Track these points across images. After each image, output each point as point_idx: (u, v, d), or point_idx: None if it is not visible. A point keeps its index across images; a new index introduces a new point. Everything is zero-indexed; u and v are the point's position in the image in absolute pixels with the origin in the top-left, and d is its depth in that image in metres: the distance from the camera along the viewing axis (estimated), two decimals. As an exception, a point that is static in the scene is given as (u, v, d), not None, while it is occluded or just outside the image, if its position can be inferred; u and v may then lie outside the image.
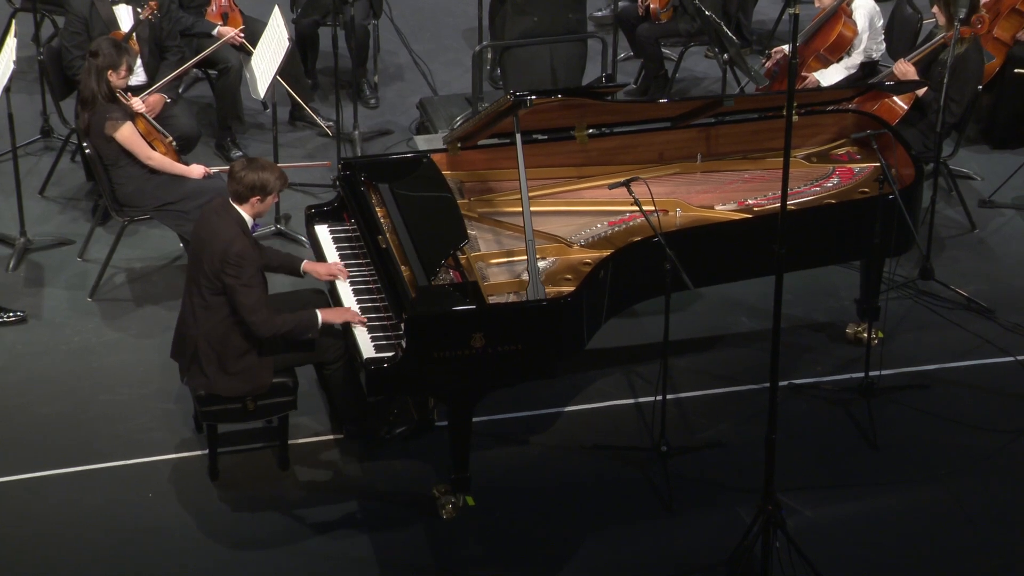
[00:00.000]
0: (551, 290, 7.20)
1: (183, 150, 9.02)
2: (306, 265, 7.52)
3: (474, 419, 7.11)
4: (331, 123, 9.97)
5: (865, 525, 7.23)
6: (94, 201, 9.39)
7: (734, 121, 8.44)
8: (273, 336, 7.13)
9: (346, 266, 7.57)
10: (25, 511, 7.26)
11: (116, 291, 8.81)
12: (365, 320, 7.15)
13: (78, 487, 7.40)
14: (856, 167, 8.29)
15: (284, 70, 9.12)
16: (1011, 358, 8.33)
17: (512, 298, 7.20)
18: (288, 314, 7.18)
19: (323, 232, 7.83)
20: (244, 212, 7.17)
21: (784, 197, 6.41)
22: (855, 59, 9.58)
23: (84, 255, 9.06)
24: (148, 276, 8.94)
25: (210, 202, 8.22)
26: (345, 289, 7.44)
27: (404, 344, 6.84)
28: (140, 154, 8.48)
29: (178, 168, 8.58)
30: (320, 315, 7.15)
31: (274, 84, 9.07)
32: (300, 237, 9.02)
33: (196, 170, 8.58)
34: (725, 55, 9.38)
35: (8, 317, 8.49)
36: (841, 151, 8.48)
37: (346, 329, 7.21)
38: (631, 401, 8.01)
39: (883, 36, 9.73)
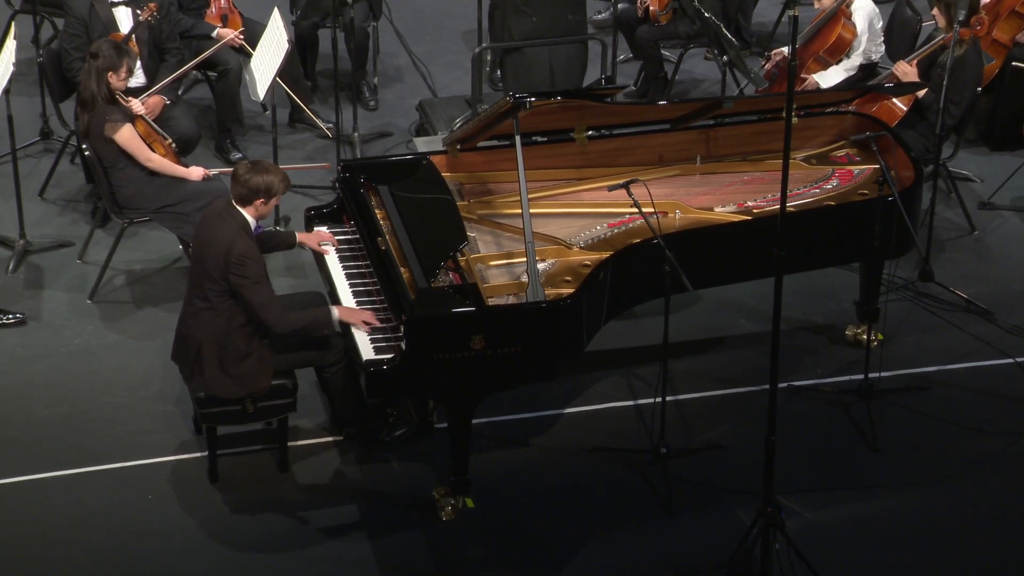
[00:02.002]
0: (551, 292, 7.20)
1: (183, 152, 9.02)
2: (300, 236, 7.67)
3: (474, 421, 7.11)
4: (331, 125, 9.97)
5: (865, 527, 7.23)
6: (94, 203, 9.39)
7: (733, 123, 8.45)
8: (290, 332, 7.14)
9: (345, 268, 7.57)
10: (25, 514, 7.26)
11: (116, 293, 8.81)
12: (378, 323, 7.14)
13: (78, 489, 7.40)
14: (856, 169, 8.29)
15: (284, 72, 9.12)
16: (1010, 360, 8.33)
17: (512, 300, 7.20)
18: (303, 311, 7.19)
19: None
20: (247, 214, 7.17)
21: (783, 199, 6.41)
22: (854, 61, 9.59)
23: (84, 257, 9.06)
24: (148, 278, 8.94)
25: (211, 204, 8.24)
26: (345, 291, 7.44)
27: (404, 346, 6.84)
28: (140, 156, 8.48)
29: (178, 170, 8.59)
30: (335, 312, 7.16)
31: (274, 86, 9.07)
32: (300, 239, 9.02)
33: (196, 172, 8.58)
34: (724, 57, 9.39)
35: (8, 319, 8.49)
36: (840, 153, 8.48)
37: (346, 331, 7.21)
38: (631, 403, 8.01)
39: (882, 38, 9.74)
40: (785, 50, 9.64)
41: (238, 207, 7.16)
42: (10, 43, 8.76)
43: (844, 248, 8.04)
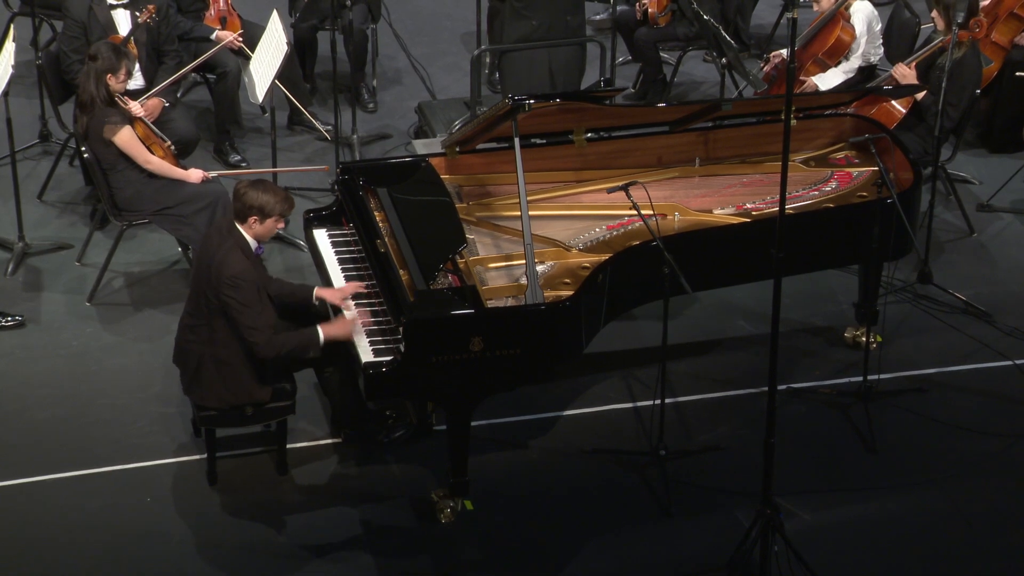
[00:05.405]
0: (550, 294, 7.20)
1: (181, 154, 9.02)
2: (319, 291, 7.39)
3: (473, 423, 7.11)
4: (329, 127, 9.97)
5: (863, 529, 7.23)
6: (92, 205, 9.39)
7: (732, 125, 8.45)
8: (276, 357, 7.10)
9: (344, 270, 7.56)
10: (24, 516, 7.26)
11: (114, 295, 8.81)
12: (370, 320, 7.11)
13: (77, 492, 7.40)
14: (854, 171, 8.30)
15: (282, 74, 9.12)
16: (1009, 362, 8.33)
17: (511, 302, 7.20)
18: (289, 333, 7.14)
19: (321, 236, 7.83)
20: (246, 233, 7.15)
21: (782, 201, 6.41)
22: (853, 63, 9.59)
23: (82, 259, 9.05)
24: (147, 280, 8.94)
25: (213, 213, 8.25)
26: (343, 293, 7.45)
27: (403, 348, 6.84)
28: (138, 158, 8.48)
29: (176, 172, 8.59)
30: (322, 332, 7.12)
31: (272, 88, 9.07)
32: (298, 241, 9.02)
33: (194, 174, 8.58)
34: (723, 59, 9.39)
35: (6, 321, 8.49)
36: (839, 155, 8.48)
37: (345, 333, 7.21)
38: (630, 405, 8.01)
39: (881, 40, 9.74)
40: (784, 52, 9.65)
41: (238, 225, 7.15)
42: (9, 45, 8.77)
43: (843, 250, 8.04)
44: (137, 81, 9.20)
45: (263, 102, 9.34)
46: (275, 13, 9.26)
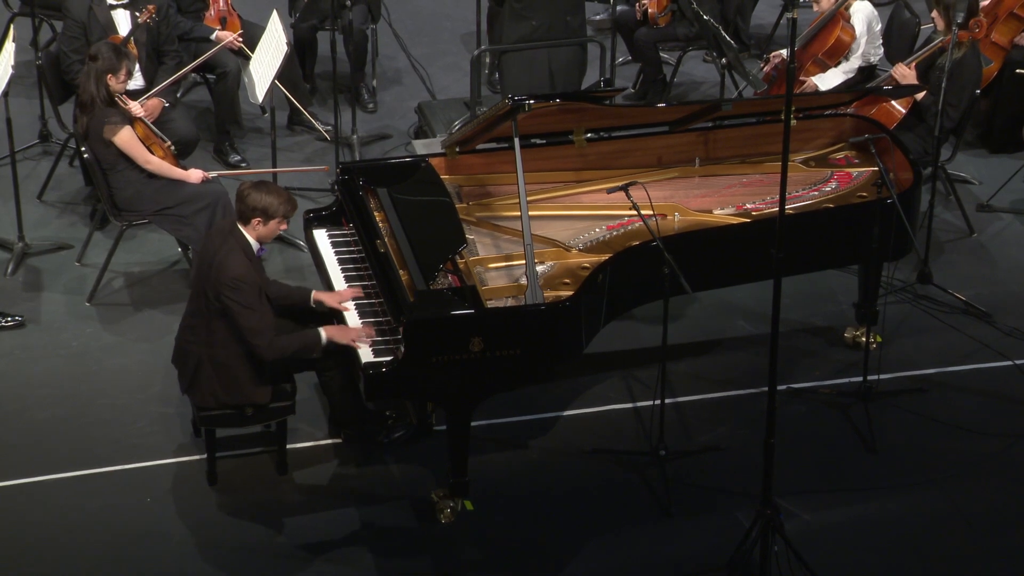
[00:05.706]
0: (549, 294, 7.20)
1: (181, 154, 9.02)
2: (316, 295, 7.41)
3: (473, 423, 7.11)
4: (329, 127, 9.97)
5: (863, 529, 7.23)
6: (92, 205, 9.39)
7: (732, 125, 8.45)
8: (278, 358, 7.10)
9: (344, 271, 7.56)
10: (23, 516, 7.26)
11: (114, 295, 8.81)
12: (373, 333, 7.10)
13: (76, 492, 7.40)
14: (854, 171, 8.30)
15: (282, 74, 9.12)
16: (1009, 362, 8.33)
17: (510, 302, 7.20)
18: (291, 335, 7.14)
19: (321, 237, 7.83)
20: (248, 234, 7.14)
21: (782, 201, 6.41)
22: (853, 63, 9.60)
23: (82, 259, 9.05)
24: (147, 280, 8.94)
25: (213, 214, 8.24)
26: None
27: (402, 348, 6.84)
28: (138, 158, 8.49)
29: (176, 172, 8.59)
30: (324, 334, 7.11)
31: (272, 88, 9.07)
32: (298, 242, 9.02)
33: (194, 174, 8.58)
34: (723, 59, 9.39)
35: (6, 322, 8.49)
36: (839, 155, 8.49)
37: (344, 333, 7.21)
38: (630, 405, 8.01)
39: (881, 40, 9.74)
40: (784, 52, 9.65)
41: (240, 227, 7.15)
42: (9, 45, 8.77)
43: (843, 250, 8.04)
44: (137, 81, 9.20)
45: (263, 102, 9.35)
46: (275, 13, 9.26)
